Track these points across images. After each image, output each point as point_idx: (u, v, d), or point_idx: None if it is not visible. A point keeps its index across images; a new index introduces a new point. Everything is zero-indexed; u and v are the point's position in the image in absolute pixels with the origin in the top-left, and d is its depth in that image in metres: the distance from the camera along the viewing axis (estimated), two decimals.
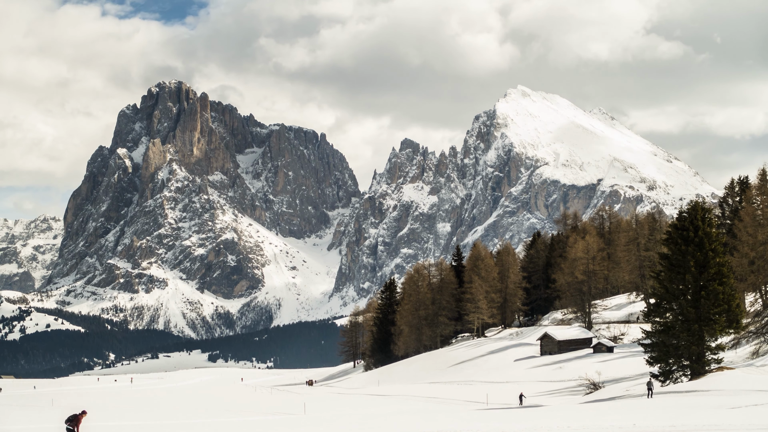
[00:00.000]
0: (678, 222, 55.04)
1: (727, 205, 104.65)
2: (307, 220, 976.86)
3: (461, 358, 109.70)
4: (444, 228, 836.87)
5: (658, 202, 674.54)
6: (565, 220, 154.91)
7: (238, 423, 54.68)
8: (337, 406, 74.14)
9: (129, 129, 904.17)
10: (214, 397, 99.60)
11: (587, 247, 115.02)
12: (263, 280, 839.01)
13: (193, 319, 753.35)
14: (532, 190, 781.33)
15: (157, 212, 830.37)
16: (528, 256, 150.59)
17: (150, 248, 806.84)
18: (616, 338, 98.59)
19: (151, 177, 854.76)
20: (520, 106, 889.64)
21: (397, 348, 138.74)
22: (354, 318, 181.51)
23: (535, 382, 78.63)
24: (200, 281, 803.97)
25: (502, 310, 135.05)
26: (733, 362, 60.00)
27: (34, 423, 58.07)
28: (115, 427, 54.48)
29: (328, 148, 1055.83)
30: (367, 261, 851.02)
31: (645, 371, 62.03)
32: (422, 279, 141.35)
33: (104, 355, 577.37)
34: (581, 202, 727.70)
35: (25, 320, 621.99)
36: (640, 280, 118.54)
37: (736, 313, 52.62)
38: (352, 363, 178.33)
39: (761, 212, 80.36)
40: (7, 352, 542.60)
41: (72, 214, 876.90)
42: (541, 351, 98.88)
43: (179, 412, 70.85)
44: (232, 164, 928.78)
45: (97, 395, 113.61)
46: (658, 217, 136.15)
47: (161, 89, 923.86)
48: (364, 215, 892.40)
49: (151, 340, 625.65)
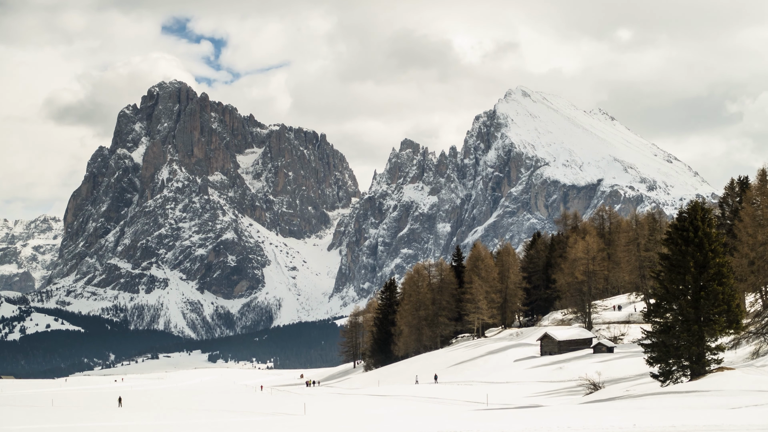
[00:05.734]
0: (678, 222, 55.02)
1: (727, 205, 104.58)
2: (307, 220, 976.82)
3: (461, 358, 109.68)
4: (444, 228, 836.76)
5: (658, 202, 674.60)
6: (565, 220, 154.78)
7: (238, 423, 54.69)
8: (338, 407, 74.17)
9: (129, 129, 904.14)
10: (214, 397, 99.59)
11: (587, 248, 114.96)
12: (263, 280, 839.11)
13: (193, 319, 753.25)
14: (532, 190, 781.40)
15: (157, 212, 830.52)
16: (528, 256, 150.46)
17: (150, 248, 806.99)
18: (616, 338, 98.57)
19: (151, 177, 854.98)
20: (520, 106, 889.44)
21: (397, 348, 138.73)
22: (354, 318, 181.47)
23: (535, 383, 78.64)
24: (200, 281, 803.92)
25: (502, 311, 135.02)
26: (733, 362, 60.01)
27: (34, 423, 58.07)
28: (115, 427, 54.48)
29: (329, 148, 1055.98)
30: (367, 261, 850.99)
31: (645, 371, 62.04)
32: (422, 279, 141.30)
33: (104, 355, 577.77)
34: (581, 202, 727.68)
35: (25, 320, 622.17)
36: (641, 281, 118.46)
37: (736, 313, 52.60)
38: (352, 363, 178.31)
39: (761, 212, 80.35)
40: (7, 353, 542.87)
41: (72, 214, 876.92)
42: (541, 351, 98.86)
43: (179, 412, 70.87)
44: (233, 164, 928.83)
45: (97, 395, 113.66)
46: (658, 217, 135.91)
47: (161, 89, 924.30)
48: (364, 215, 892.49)
49: (151, 341, 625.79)
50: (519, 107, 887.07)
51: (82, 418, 64.28)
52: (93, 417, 65.45)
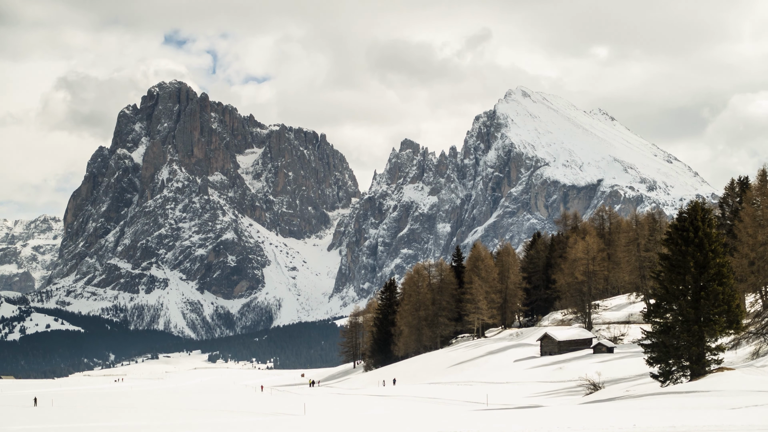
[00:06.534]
0: (678, 222, 55.01)
1: (727, 205, 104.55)
2: (307, 220, 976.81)
3: (461, 358, 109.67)
4: (444, 228, 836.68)
5: (658, 202, 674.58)
6: (565, 220, 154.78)
7: (238, 423, 54.66)
8: (338, 407, 74.14)
9: (129, 129, 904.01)
10: (214, 397, 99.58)
11: (587, 248, 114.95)
12: (263, 280, 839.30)
13: (193, 319, 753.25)
14: (532, 190, 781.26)
15: (157, 212, 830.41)
16: (528, 256, 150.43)
17: (150, 248, 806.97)
18: (616, 339, 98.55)
19: (151, 177, 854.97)
20: (520, 107, 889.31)
21: (397, 348, 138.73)
22: (354, 318, 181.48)
23: (535, 383, 78.63)
24: (200, 281, 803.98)
25: (502, 311, 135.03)
26: (733, 363, 60.02)
27: (34, 423, 58.07)
28: (114, 427, 54.48)
29: (328, 148, 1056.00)
30: (367, 261, 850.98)
31: (645, 372, 62.03)
32: (422, 279, 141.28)
33: (104, 355, 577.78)
34: (581, 202, 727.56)
35: (25, 321, 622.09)
36: (641, 281, 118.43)
37: (736, 313, 52.59)
38: (352, 363, 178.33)
39: (761, 213, 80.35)
40: (7, 353, 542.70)
41: (72, 214, 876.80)
42: (541, 351, 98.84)
43: (179, 412, 70.85)
44: (232, 164, 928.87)
45: (97, 395, 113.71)
46: (658, 217, 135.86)
47: (161, 89, 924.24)
48: (364, 215, 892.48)
49: (151, 341, 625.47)
50: (519, 107, 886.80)
51: (83, 418, 64.28)
52: (93, 417, 65.44)
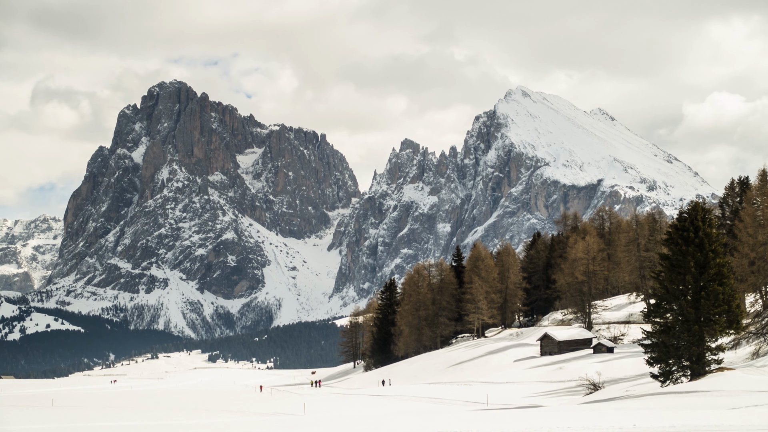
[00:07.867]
0: (678, 222, 54.98)
1: (727, 205, 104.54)
2: (307, 220, 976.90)
3: (461, 358, 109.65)
4: (444, 228, 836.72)
5: (658, 202, 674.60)
6: (565, 220, 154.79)
7: (238, 423, 54.65)
8: (337, 407, 74.12)
9: (129, 129, 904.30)
10: (213, 397, 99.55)
11: (587, 248, 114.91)
12: (263, 280, 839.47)
13: (193, 319, 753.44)
14: (532, 190, 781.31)
15: (157, 212, 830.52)
16: (528, 256, 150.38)
17: (150, 248, 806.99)
18: (616, 339, 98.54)
19: (151, 177, 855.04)
20: (520, 107, 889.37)
21: (397, 348, 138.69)
22: (354, 318, 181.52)
23: (535, 383, 78.61)
24: (200, 281, 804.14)
25: (502, 311, 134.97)
26: (733, 363, 60.01)
27: (34, 423, 58.04)
28: (114, 427, 54.46)
29: (329, 148, 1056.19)
30: (367, 261, 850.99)
31: (645, 371, 62.04)
32: (422, 279, 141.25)
33: (104, 355, 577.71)
34: (581, 202, 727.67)
35: (25, 320, 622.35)
36: (641, 281, 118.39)
37: (736, 313, 52.56)
38: (353, 363, 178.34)
39: (761, 213, 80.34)
40: (7, 353, 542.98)
41: (72, 214, 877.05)
42: (541, 351, 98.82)
43: (179, 412, 70.84)
44: (233, 164, 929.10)
45: (97, 396, 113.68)
46: (658, 217, 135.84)
47: (161, 89, 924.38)
48: (364, 215, 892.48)
49: (151, 341, 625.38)
50: (519, 107, 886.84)
51: (83, 417, 64.27)
52: (93, 417, 65.43)
